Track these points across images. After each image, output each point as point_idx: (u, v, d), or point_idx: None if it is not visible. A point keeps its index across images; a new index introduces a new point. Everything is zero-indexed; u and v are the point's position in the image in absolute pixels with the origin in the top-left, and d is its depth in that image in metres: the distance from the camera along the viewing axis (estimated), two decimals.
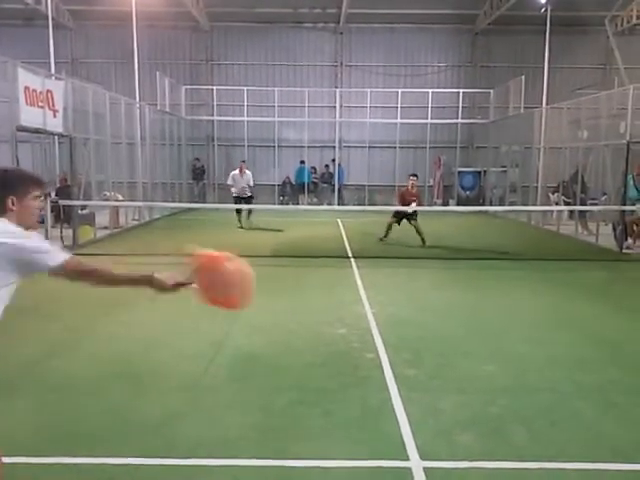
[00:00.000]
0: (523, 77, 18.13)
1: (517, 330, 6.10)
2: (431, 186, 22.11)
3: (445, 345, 5.53)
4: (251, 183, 14.62)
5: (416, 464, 3.30)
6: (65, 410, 4.01)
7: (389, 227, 12.15)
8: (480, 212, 18.37)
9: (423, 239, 11.81)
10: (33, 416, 3.91)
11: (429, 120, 21.35)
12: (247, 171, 14.67)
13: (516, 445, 3.54)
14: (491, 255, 10.94)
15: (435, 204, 21.35)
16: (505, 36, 21.52)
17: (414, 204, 12.02)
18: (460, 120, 21.56)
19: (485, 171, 21.08)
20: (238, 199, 14.48)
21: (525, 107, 18.11)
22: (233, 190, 14.60)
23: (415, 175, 12.79)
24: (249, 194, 14.55)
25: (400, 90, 21.46)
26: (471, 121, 21.80)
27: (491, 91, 21.10)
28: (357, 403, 4.13)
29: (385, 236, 12.21)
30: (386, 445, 3.53)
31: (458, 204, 20.83)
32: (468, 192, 21.43)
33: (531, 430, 3.74)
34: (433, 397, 4.24)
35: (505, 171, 19.28)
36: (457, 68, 22.37)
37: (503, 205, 18.24)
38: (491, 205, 19.53)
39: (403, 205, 12.07)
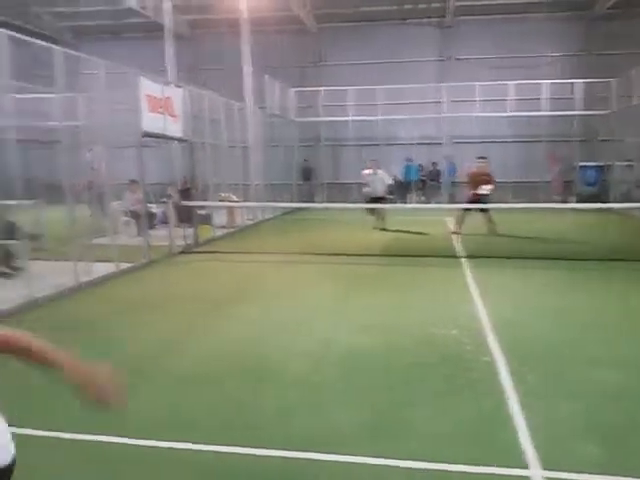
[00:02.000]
0: None
1: (637, 332, 5.67)
2: (549, 182, 20.99)
3: (564, 349, 5.26)
4: (387, 181, 13.90)
5: (536, 473, 3.18)
6: (183, 400, 4.27)
7: (462, 218, 12.73)
8: (604, 210, 17.14)
9: (493, 229, 12.51)
10: (155, 404, 4.21)
11: (542, 112, 20.27)
12: (379, 170, 13.89)
13: None
14: (615, 256, 10.18)
15: (554, 201, 20.20)
16: (624, 21, 19.83)
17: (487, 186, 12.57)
18: (577, 112, 20.24)
19: (609, 165, 19.62)
20: (372, 200, 13.77)
21: None
22: (365, 190, 14.00)
23: (482, 157, 13.36)
24: (381, 194, 13.69)
25: (510, 82, 20.57)
26: (589, 112, 20.36)
27: (612, 80, 19.59)
28: (471, 406, 4.05)
29: (459, 228, 12.70)
30: (503, 451, 3.43)
31: (579, 201, 19.56)
32: (590, 188, 20.07)
33: None
34: (552, 403, 4.06)
35: (631, 165, 17.83)
36: (571, 57, 21.06)
37: (629, 202, 16.87)
38: (616, 202, 18.13)
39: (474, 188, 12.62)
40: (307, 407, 4.11)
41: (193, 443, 3.55)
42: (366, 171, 14.15)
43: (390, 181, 14.18)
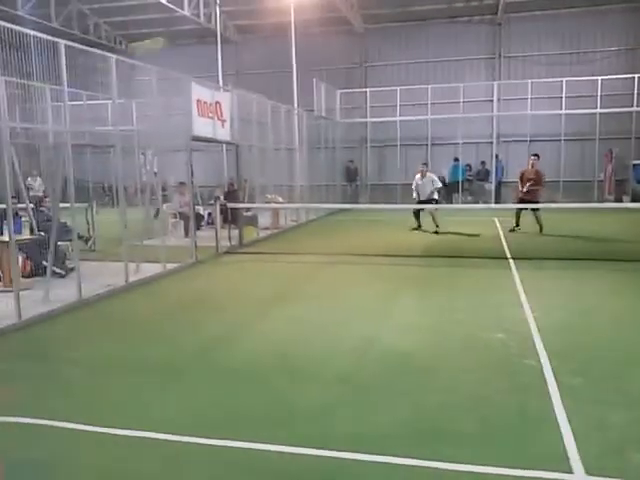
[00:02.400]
0: None
1: None
2: (601, 181, 20.29)
3: (617, 355, 5.06)
4: (436, 184, 13.58)
5: (580, 478, 3.08)
6: (228, 397, 4.33)
7: (517, 216, 13.15)
8: None
9: (541, 227, 12.81)
10: (199, 400, 4.28)
11: (598, 110, 19.61)
12: (429, 174, 13.69)
13: None
14: None
15: (607, 200, 19.54)
16: None
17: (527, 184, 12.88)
18: (635, 108, 19.48)
19: None
20: (420, 202, 13.66)
21: None
22: (414, 196, 13.80)
23: (535, 155, 13.65)
24: (431, 197, 13.50)
25: (565, 79, 19.98)
26: None
27: None
28: (515, 410, 3.95)
29: (516, 225, 13.13)
30: (546, 455, 3.33)
31: (633, 200, 18.83)
32: None
33: None
34: (601, 409, 3.92)
35: None
36: (630, 51, 20.26)
37: None
38: None
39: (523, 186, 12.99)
40: (349, 406, 4.11)
41: (231, 440, 3.59)
42: (417, 176, 13.83)
43: (439, 184, 13.73)
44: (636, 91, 19.39)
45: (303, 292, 7.84)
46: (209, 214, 14.15)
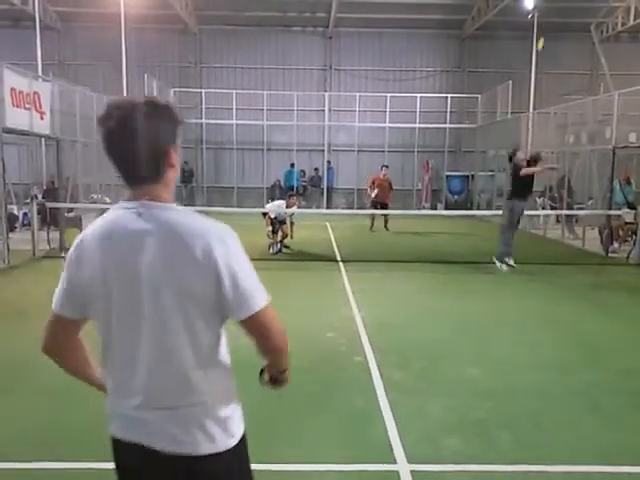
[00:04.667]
0: (510, 82, 18.28)
1: (503, 333, 6.14)
2: (419, 190, 22.21)
3: (433, 348, 5.55)
4: (280, 213, 11.29)
5: (403, 467, 3.31)
6: (50, 414, 3.99)
7: (372, 218, 14.93)
8: (468, 216, 18.46)
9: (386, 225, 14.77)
10: (18, 419, 3.88)
11: (417, 124, 21.45)
12: (277, 201, 12.09)
13: (502, 448, 3.57)
14: (479, 259, 10.98)
15: (423, 208, 21.44)
16: (493, 41, 21.63)
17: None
18: (448, 125, 21.69)
19: (473, 175, 21.20)
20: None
21: (512, 112, 18.27)
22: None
23: (386, 166, 15.95)
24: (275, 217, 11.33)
25: (389, 94, 21.54)
26: (459, 126, 21.94)
27: (479, 96, 21.25)
28: (344, 407, 4.13)
29: (372, 226, 14.81)
30: (373, 449, 3.53)
31: (446, 208, 20.92)
32: (456, 196, 21.56)
33: (516, 433, 3.76)
34: (420, 400, 4.26)
35: (493, 175, 19.38)
36: (445, 73, 22.51)
37: (490, 209, 18.35)
38: (479, 209, 19.63)
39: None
40: None
41: (57, 462, 3.30)
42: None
43: (275, 215, 11.36)
44: (449, 109, 21.56)
45: None
46: (25, 214, 12.83)
